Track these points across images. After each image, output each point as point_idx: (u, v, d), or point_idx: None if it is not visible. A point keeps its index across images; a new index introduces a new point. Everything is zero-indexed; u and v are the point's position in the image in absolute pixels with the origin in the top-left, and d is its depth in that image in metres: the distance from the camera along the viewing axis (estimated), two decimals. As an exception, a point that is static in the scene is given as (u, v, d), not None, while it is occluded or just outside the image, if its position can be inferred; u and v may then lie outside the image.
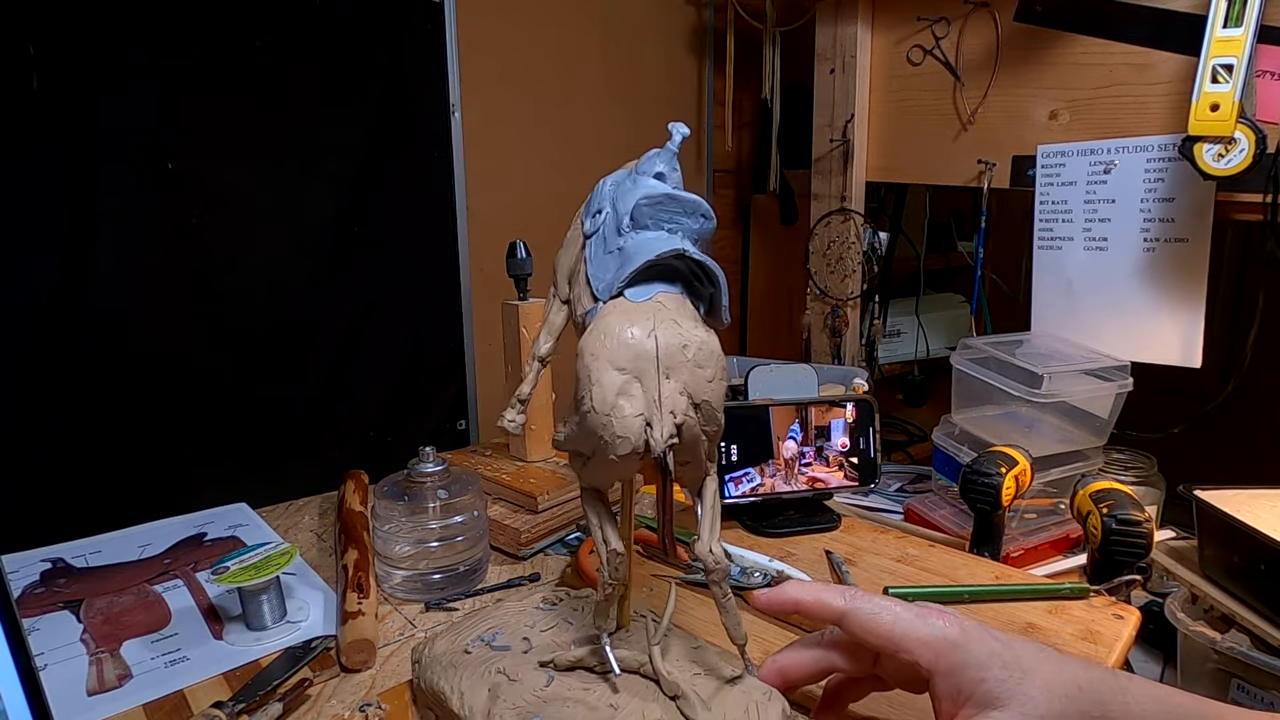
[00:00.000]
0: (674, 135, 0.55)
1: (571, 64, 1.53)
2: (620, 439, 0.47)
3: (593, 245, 0.55)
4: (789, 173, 1.73)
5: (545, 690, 0.55)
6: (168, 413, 1.03)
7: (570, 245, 0.59)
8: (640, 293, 0.50)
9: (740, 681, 0.55)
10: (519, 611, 0.66)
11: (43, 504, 0.96)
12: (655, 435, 0.47)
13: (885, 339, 1.67)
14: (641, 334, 0.48)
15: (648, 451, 0.48)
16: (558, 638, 0.62)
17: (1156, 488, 1.23)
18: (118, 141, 0.97)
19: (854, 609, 0.48)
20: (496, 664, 0.58)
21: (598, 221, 0.56)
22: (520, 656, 0.60)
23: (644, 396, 0.48)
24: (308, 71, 1.12)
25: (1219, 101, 1.00)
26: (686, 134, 0.55)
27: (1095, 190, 1.21)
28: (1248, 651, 0.79)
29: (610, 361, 0.48)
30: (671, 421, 0.48)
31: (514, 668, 0.58)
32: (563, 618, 0.65)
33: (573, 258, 0.58)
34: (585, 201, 0.60)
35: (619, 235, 0.53)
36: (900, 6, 1.40)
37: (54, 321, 0.95)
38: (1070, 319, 1.26)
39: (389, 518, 0.79)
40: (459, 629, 0.64)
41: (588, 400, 0.48)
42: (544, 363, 0.61)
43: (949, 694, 0.45)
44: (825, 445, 0.95)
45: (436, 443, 0.85)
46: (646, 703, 0.54)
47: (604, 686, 0.56)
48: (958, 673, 0.45)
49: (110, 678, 0.67)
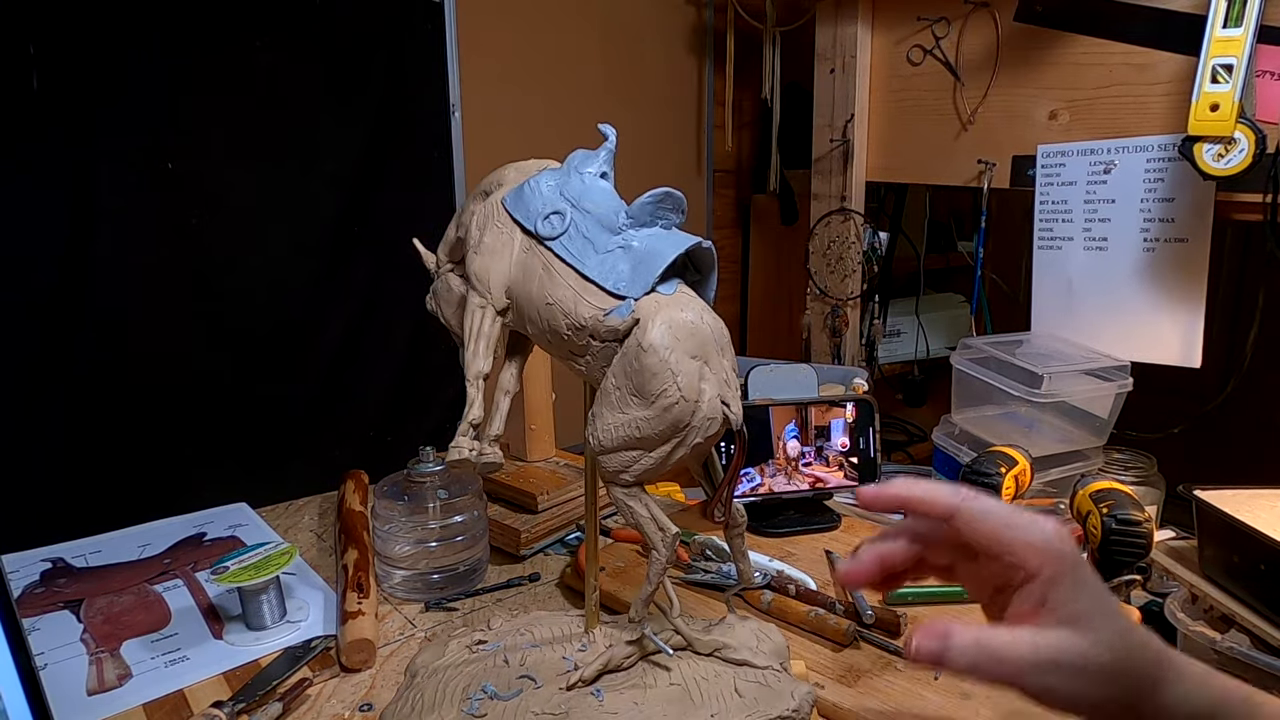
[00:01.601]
0: (609, 137, 0.58)
1: (571, 64, 1.53)
2: (710, 420, 0.52)
3: (570, 246, 0.55)
4: (789, 173, 1.73)
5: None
6: (168, 413, 1.03)
7: (499, 251, 0.57)
8: (667, 286, 0.54)
9: (732, 619, 0.62)
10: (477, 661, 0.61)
11: (43, 504, 0.96)
12: (734, 411, 0.53)
13: (885, 339, 1.67)
14: (698, 321, 0.53)
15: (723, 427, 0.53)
16: (546, 657, 0.60)
17: (1156, 488, 1.23)
18: (118, 141, 0.97)
19: (965, 507, 0.47)
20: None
21: (559, 224, 0.55)
22: (534, 695, 0.56)
23: (715, 378, 0.53)
24: (308, 71, 1.12)
25: (1219, 101, 1.00)
26: (615, 133, 0.59)
27: (1095, 190, 1.21)
28: (1248, 651, 0.79)
29: (687, 351, 0.52)
30: (738, 396, 0.54)
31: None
32: (526, 643, 0.62)
33: (507, 264, 0.56)
34: (500, 206, 0.58)
35: (614, 234, 0.54)
36: (900, 6, 1.40)
37: (54, 321, 0.95)
38: (1070, 319, 1.26)
39: (389, 518, 0.79)
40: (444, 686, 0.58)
41: (674, 391, 0.51)
42: (486, 380, 0.57)
43: (1036, 599, 0.45)
44: (825, 445, 0.95)
45: (436, 443, 0.84)
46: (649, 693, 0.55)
47: (620, 696, 0.56)
48: (1056, 584, 0.45)
49: (110, 677, 0.67)
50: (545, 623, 0.65)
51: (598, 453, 0.54)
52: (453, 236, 0.63)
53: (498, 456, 0.56)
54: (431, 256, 0.66)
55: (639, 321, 0.52)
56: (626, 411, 0.52)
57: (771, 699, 0.55)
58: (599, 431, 0.53)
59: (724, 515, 0.57)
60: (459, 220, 0.62)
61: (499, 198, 0.59)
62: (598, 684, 0.57)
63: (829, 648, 0.70)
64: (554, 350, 0.56)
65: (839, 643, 0.70)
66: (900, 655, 0.68)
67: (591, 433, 0.54)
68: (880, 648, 0.70)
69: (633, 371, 0.51)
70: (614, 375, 0.52)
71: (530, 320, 0.56)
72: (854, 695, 0.64)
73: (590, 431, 0.54)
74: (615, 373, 0.52)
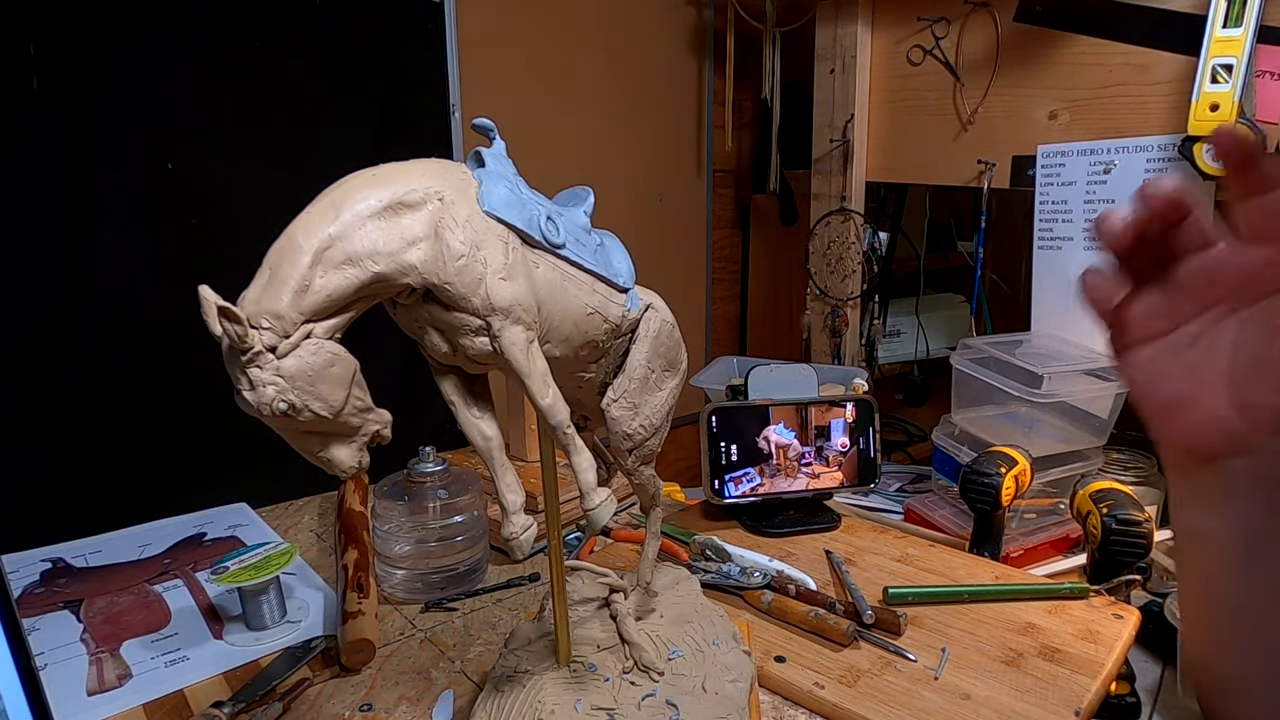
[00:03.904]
0: (492, 131, 0.52)
1: (572, 64, 1.53)
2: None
3: (580, 251, 0.53)
4: (789, 173, 1.73)
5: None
6: (168, 413, 1.03)
7: (520, 269, 0.48)
8: None
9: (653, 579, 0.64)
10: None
11: (43, 504, 0.96)
12: None
13: (885, 339, 1.67)
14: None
15: None
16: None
17: (1156, 488, 1.22)
18: (118, 141, 0.97)
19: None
20: None
21: (556, 229, 0.51)
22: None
23: None
24: (308, 71, 1.12)
25: (1219, 101, 1.00)
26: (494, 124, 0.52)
27: (1095, 190, 1.21)
28: (1247, 651, 0.79)
29: None
30: None
31: None
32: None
33: (530, 283, 0.48)
34: (489, 218, 0.48)
35: (587, 232, 0.55)
36: (900, 6, 1.40)
37: (54, 321, 0.95)
38: (1070, 319, 1.26)
39: (389, 518, 0.79)
40: None
41: (686, 362, 0.60)
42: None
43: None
44: (825, 445, 0.95)
45: (436, 443, 0.84)
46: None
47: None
48: None
49: (110, 677, 0.67)
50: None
51: (646, 437, 0.57)
52: (345, 277, 0.45)
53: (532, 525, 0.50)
54: (219, 301, 0.43)
55: (650, 305, 0.56)
56: (664, 387, 0.58)
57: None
58: (642, 419, 0.56)
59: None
60: (371, 247, 0.45)
61: (470, 209, 0.48)
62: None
63: (829, 648, 0.70)
64: (572, 366, 0.53)
65: (839, 643, 0.70)
66: (903, 656, 0.69)
67: (631, 425, 0.56)
68: (880, 647, 0.70)
69: (666, 349, 0.57)
70: (646, 361, 0.56)
71: (562, 338, 0.51)
72: (854, 695, 0.64)
73: (628, 426, 0.56)
74: (647, 358, 0.56)
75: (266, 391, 0.43)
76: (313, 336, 0.45)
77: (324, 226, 0.46)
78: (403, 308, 0.50)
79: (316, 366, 0.45)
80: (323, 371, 0.45)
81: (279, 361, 0.44)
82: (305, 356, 0.44)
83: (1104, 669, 0.68)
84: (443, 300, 0.47)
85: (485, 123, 0.52)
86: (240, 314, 0.43)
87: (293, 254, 0.45)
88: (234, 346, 0.43)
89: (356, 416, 0.48)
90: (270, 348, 0.43)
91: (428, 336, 0.50)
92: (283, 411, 0.44)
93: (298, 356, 0.44)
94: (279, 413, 0.44)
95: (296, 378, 0.44)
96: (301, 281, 0.44)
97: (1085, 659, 0.69)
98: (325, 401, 0.45)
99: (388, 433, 0.50)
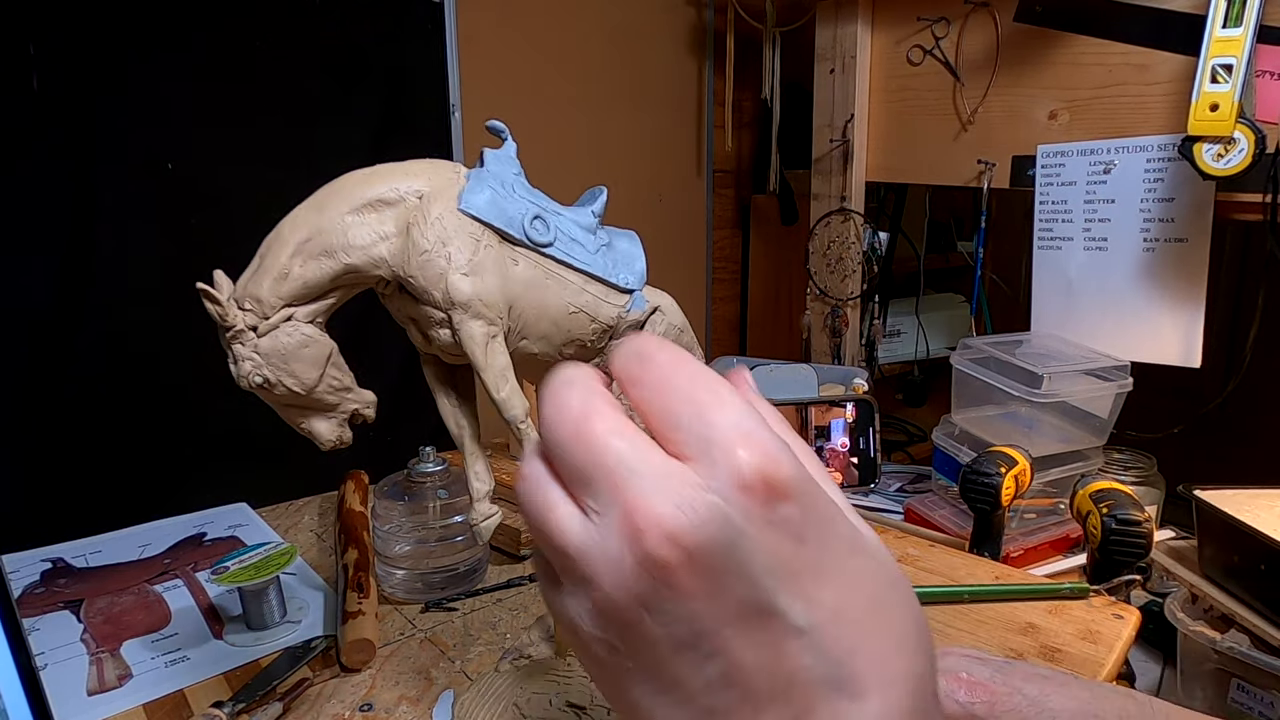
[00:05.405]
0: (505, 134, 0.56)
1: (571, 64, 1.53)
2: None
3: (570, 250, 0.53)
4: (789, 173, 1.73)
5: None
6: (168, 413, 1.03)
7: (491, 266, 0.50)
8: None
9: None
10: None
11: (43, 504, 0.96)
12: None
13: (885, 339, 1.67)
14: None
15: None
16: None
17: (1156, 488, 1.23)
18: (118, 141, 0.97)
19: None
20: None
21: (545, 228, 0.52)
22: None
23: None
24: (308, 71, 1.12)
25: (1218, 101, 1.00)
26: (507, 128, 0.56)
27: (1095, 190, 1.21)
28: (1247, 651, 0.79)
29: None
30: None
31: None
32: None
33: (501, 279, 0.50)
34: (464, 215, 0.51)
35: (592, 234, 0.55)
36: (900, 6, 1.40)
37: (54, 321, 0.95)
38: (1070, 319, 1.26)
39: (389, 518, 0.79)
40: None
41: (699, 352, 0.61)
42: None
43: None
44: (825, 445, 0.95)
45: (436, 443, 0.84)
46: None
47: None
48: None
49: (110, 678, 0.67)
50: None
51: None
52: (320, 267, 0.50)
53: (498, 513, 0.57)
54: (229, 286, 0.51)
55: (658, 308, 0.55)
56: None
57: None
58: None
59: None
60: (345, 240, 0.50)
61: (444, 208, 0.50)
62: None
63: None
64: (555, 364, 0.54)
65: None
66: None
67: None
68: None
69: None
70: None
71: (540, 335, 0.53)
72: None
73: None
74: None
75: (244, 365, 0.48)
76: (293, 320, 0.50)
77: (307, 221, 0.50)
78: (385, 299, 0.54)
79: (290, 347, 0.49)
80: (296, 351, 0.50)
81: (258, 340, 0.48)
82: (281, 337, 0.49)
83: (1104, 669, 0.68)
84: (411, 293, 0.51)
85: (498, 124, 0.54)
86: (218, 295, 0.48)
87: (278, 245, 0.50)
88: (219, 324, 0.48)
89: (334, 395, 0.53)
90: (252, 327, 0.48)
91: (408, 327, 0.54)
92: (258, 385, 0.49)
93: (274, 337, 0.49)
94: (255, 385, 0.49)
95: (271, 355, 0.49)
96: (281, 270, 0.49)
97: (1085, 659, 0.69)
98: (298, 379, 0.50)
99: (370, 412, 0.56)
